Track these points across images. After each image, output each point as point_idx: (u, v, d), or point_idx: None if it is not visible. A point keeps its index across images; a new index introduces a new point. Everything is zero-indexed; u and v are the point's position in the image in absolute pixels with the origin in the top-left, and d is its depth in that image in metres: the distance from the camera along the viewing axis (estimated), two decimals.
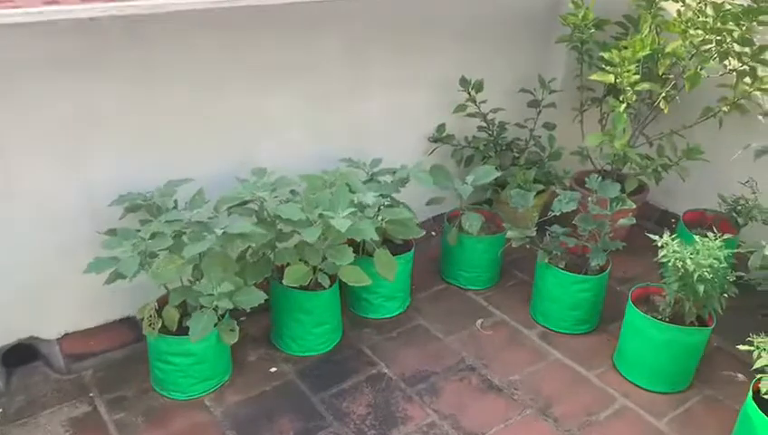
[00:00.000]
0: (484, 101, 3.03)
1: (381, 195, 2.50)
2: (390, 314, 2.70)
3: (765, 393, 1.92)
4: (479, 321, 2.70)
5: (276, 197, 2.29)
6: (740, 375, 2.39)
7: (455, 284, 2.93)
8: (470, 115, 3.06)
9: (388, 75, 2.82)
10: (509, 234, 2.58)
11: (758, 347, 1.98)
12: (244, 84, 2.42)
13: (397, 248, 2.65)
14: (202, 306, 2.07)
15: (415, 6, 2.77)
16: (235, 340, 2.16)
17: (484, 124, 3.11)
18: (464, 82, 2.96)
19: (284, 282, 2.22)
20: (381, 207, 2.45)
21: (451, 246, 2.84)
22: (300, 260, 2.28)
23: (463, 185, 2.69)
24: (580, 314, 2.60)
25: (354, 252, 2.34)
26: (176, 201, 2.24)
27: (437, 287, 2.92)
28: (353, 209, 2.22)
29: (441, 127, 3.09)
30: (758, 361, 1.97)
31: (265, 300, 2.15)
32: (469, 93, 2.98)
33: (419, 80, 2.94)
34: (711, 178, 3.08)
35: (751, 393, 1.96)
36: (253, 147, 2.53)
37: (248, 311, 2.17)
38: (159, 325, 2.14)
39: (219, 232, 2.03)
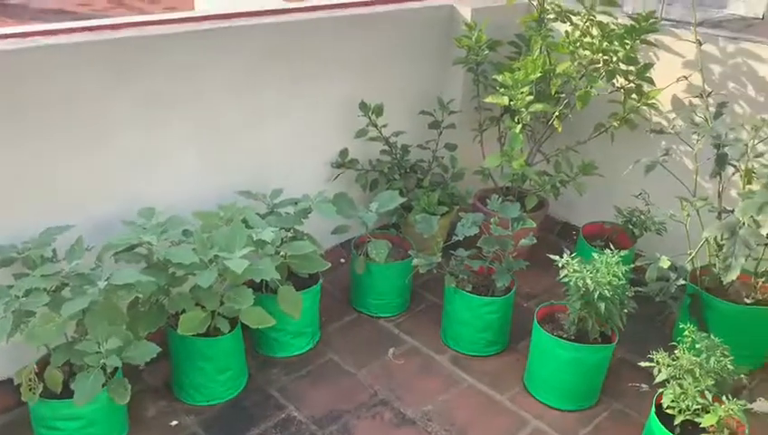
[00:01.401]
0: (385, 125, 2.99)
1: (283, 228, 2.41)
2: (299, 350, 2.60)
3: (667, 408, 1.97)
4: (391, 350, 2.64)
5: (166, 239, 2.15)
6: (644, 386, 2.45)
7: (365, 312, 2.86)
8: (372, 139, 3.02)
9: (285, 103, 2.73)
10: (415, 261, 2.55)
11: (658, 362, 2.03)
12: (129, 118, 2.28)
13: (303, 282, 2.55)
14: (88, 366, 1.90)
15: (307, 33, 2.71)
16: (127, 399, 2.00)
17: (387, 148, 3.08)
18: (363, 106, 2.91)
19: (179, 331, 2.08)
20: (284, 241, 2.36)
21: (359, 275, 2.78)
22: (196, 305, 2.15)
23: (367, 213, 2.64)
24: (489, 335, 2.60)
25: (257, 290, 2.24)
26: (54, 251, 2.07)
27: (348, 318, 2.84)
28: (252, 248, 2.12)
29: (344, 152, 3.03)
30: (659, 375, 2.02)
31: (164, 348, 2.01)
32: (369, 118, 2.94)
33: (318, 106, 2.88)
34: (607, 191, 3.18)
35: (654, 408, 2.00)
36: (141, 185, 2.38)
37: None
38: (41, 389, 1.96)
39: (102, 284, 1.88)
